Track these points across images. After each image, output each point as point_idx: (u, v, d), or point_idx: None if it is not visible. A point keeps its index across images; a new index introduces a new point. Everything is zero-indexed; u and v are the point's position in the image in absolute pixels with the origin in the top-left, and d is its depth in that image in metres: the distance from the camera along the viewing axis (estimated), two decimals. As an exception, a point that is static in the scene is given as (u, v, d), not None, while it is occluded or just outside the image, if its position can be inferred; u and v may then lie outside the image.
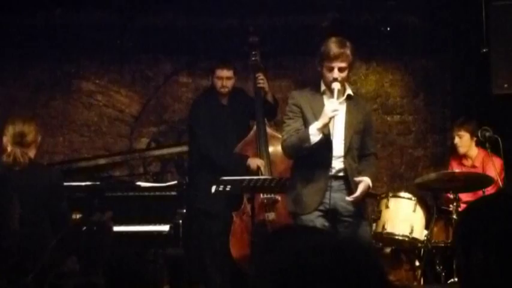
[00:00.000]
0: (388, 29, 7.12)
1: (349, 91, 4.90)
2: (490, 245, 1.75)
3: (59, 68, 7.31)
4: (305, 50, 7.35)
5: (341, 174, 4.78)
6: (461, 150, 6.26)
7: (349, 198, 4.69)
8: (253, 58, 6.12)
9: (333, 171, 4.75)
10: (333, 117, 4.58)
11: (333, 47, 4.70)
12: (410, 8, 7.26)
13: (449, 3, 7.07)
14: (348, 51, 4.71)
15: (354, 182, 4.73)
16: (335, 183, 4.76)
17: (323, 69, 4.76)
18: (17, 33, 7.12)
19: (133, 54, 7.29)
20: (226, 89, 6.06)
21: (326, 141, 4.71)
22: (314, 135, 4.62)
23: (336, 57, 4.68)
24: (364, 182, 4.71)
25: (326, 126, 4.62)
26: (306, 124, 4.73)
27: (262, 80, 6.05)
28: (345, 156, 4.77)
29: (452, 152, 6.49)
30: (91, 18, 7.11)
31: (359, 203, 4.79)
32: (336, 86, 4.67)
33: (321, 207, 4.76)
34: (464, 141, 6.20)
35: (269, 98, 6.11)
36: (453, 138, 6.31)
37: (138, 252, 6.09)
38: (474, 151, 6.25)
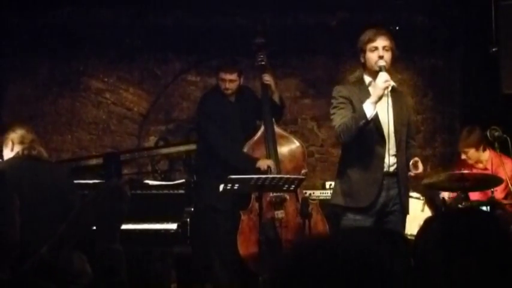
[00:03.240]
0: (397, 28, 7.10)
1: (393, 83, 4.86)
2: (476, 254, 1.75)
3: (67, 66, 7.32)
4: (313, 49, 7.36)
5: (393, 169, 4.73)
6: (471, 162, 6.21)
7: (412, 174, 4.64)
8: (259, 59, 6.11)
9: (386, 166, 4.73)
10: (386, 87, 4.54)
11: (374, 29, 4.77)
12: (419, 7, 7.24)
13: (459, 2, 7.06)
14: (390, 35, 4.76)
15: (405, 178, 4.73)
16: (387, 181, 4.73)
17: (366, 53, 4.73)
18: (26, 32, 7.15)
19: (142, 52, 7.30)
20: (230, 91, 6.08)
21: (379, 133, 4.68)
22: (369, 109, 4.53)
23: (380, 37, 4.70)
24: (420, 162, 4.66)
25: (380, 98, 4.55)
26: None
27: (268, 79, 6.05)
28: (398, 150, 4.73)
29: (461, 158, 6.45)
30: (100, 17, 7.13)
31: (407, 199, 4.82)
32: (382, 62, 4.64)
33: (374, 207, 4.72)
34: (470, 155, 6.14)
35: (275, 98, 6.11)
36: (461, 153, 6.24)
37: (146, 250, 6.12)
38: (484, 156, 6.18)
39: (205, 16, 7.15)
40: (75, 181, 5.50)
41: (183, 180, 6.13)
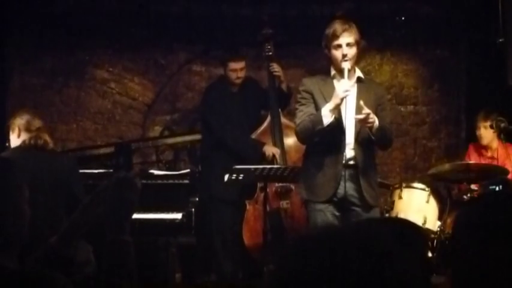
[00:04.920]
0: (403, 18, 7.08)
1: (359, 73, 4.87)
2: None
3: (73, 55, 7.32)
4: (319, 40, 7.31)
5: (352, 162, 4.75)
6: (484, 141, 6.23)
7: (357, 116, 4.60)
8: (266, 50, 6.11)
9: (345, 159, 4.73)
10: (345, 97, 4.55)
11: (338, 25, 4.73)
12: (425, -2, 7.22)
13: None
14: (353, 28, 4.73)
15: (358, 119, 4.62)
16: (347, 172, 4.74)
17: (331, 50, 4.74)
18: (32, 21, 7.13)
19: (147, 42, 7.29)
20: (239, 80, 6.08)
21: (339, 127, 4.69)
22: (326, 116, 4.58)
23: (342, 33, 4.68)
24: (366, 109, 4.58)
25: (338, 107, 4.58)
26: (318, 110, 4.71)
27: (277, 69, 6.05)
28: (356, 141, 4.73)
29: (473, 142, 6.46)
30: (105, 6, 7.11)
31: (372, 191, 4.78)
32: (346, 65, 4.64)
33: (334, 198, 4.75)
34: (488, 132, 6.15)
35: (283, 87, 6.12)
36: (477, 129, 6.25)
37: (151, 240, 6.13)
38: (495, 143, 6.21)
39: (210, 6, 7.13)
40: (82, 171, 5.52)
41: (188, 170, 6.13)
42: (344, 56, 4.66)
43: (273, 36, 6.12)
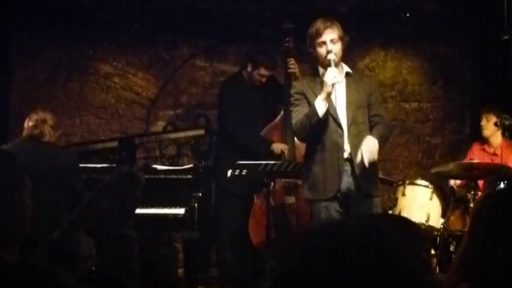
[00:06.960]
0: (408, 15, 7.06)
1: (346, 69, 4.90)
2: None
3: (76, 50, 7.31)
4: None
5: (350, 156, 4.76)
6: (485, 133, 6.24)
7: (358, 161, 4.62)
8: (286, 44, 6.08)
9: (345, 153, 4.74)
10: (335, 83, 4.59)
11: (320, 22, 4.78)
12: (430, -6, 7.20)
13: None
14: (336, 24, 4.77)
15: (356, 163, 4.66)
16: (347, 167, 4.75)
17: (316, 48, 4.78)
18: (36, 15, 7.13)
19: (151, 37, 7.28)
20: (260, 84, 6.11)
21: (335, 123, 4.71)
22: (320, 107, 4.63)
23: (325, 30, 4.72)
24: (365, 143, 4.60)
25: (330, 95, 4.63)
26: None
27: (293, 65, 6.04)
28: (349, 134, 4.74)
29: (476, 138, 6.47)
30: (109, 0, 7.11)
31: (370, 180, 4.78)
32: (331, 56, 4.67)
33: (337, 194, 4.75)
34: (490, 125, 6.15)
35: None
36: (481, 120, 6.28)
37: (154, 234, 6.13)
38: (498, 139, 6.21)
39: (214, 1, 7.12)
40: (86, 165, 5.51)
41: (191, 166, 6.13)
42: (329, 51, 4.70)
43: (294, 31, 6.09)
